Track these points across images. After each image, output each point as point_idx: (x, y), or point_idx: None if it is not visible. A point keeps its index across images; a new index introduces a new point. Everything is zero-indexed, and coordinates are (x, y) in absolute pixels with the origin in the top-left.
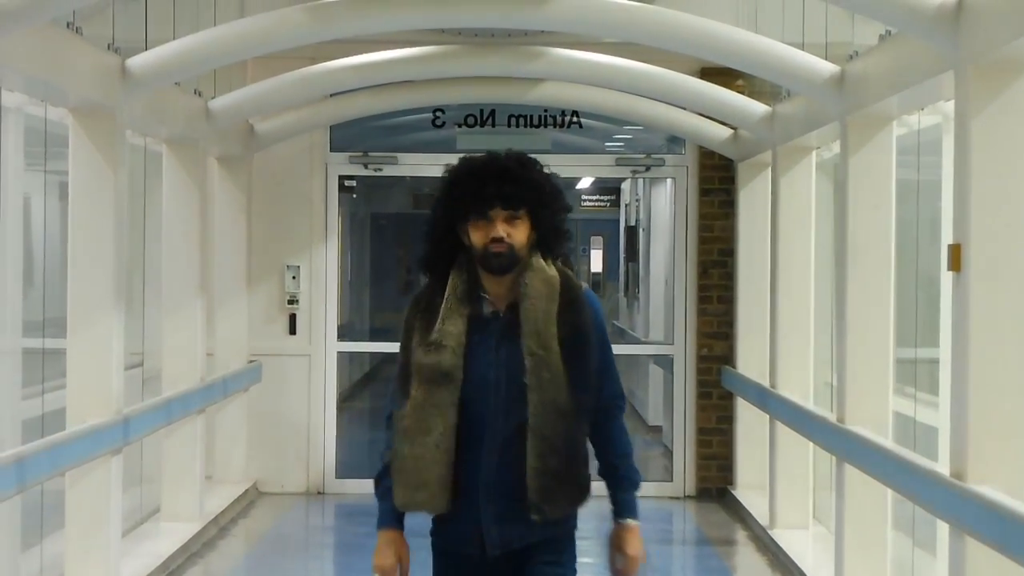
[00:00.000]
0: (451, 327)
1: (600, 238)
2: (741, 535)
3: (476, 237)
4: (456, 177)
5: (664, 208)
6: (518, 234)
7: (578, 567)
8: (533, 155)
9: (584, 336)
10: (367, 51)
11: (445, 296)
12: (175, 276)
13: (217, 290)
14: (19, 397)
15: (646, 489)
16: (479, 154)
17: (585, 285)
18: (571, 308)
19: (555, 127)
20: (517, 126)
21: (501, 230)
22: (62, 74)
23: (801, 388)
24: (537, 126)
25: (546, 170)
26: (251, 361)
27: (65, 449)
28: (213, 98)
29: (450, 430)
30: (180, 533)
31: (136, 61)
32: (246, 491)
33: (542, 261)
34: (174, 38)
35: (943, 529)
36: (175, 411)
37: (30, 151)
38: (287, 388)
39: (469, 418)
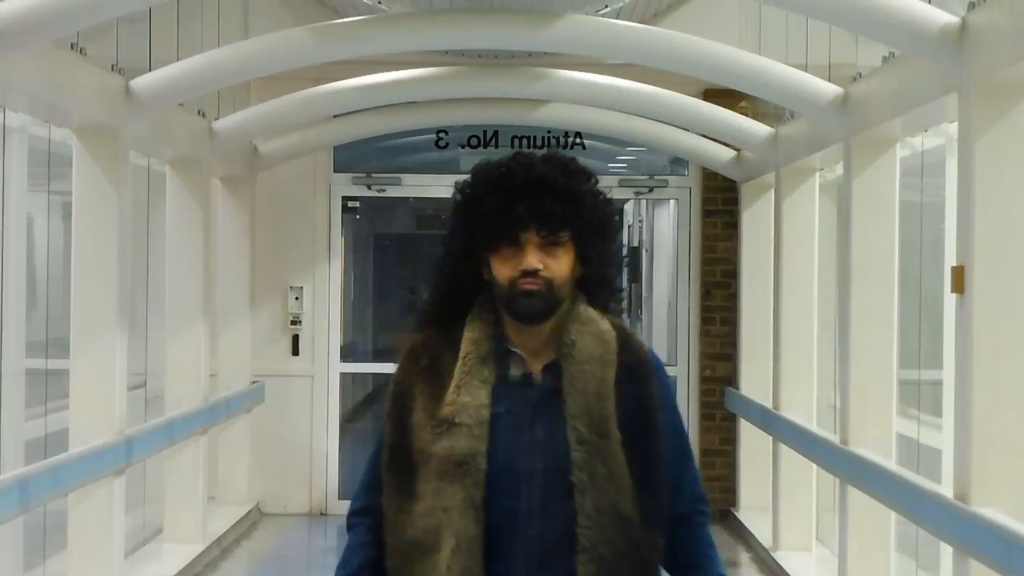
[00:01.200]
0: (468, 397)
1: None
2: (744, 557)
3: (502, 270)
4: (475, 189)
5: (667, 229)
6: (558, 267)
7: None
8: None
9: (652, 417)
10: (371, 72)
11: (461, 354)
12: (178, 296)
13: (220, 310)
14: (22, 417)
15: None
16: (505, 158)
17: (647, 344)
18: (634, 378)
19: (558, 148)
20: (521, 147)
21: (535, 260)
22: (66, 94)
23: (804, 410)
24: (540, 147)
25: (597, 183)
26: (254, 382)
27: (68, 470)
28: (217, 119)
29: (470, 544)
30: (183, 554)
31: (140, 82)
32: (249, 512)
33: (591, 310)
34: (178, 59)
35: (947, 552)
36: (178, 432)
37: (34, 171)
38: (290, 409)
39: (493, 526)
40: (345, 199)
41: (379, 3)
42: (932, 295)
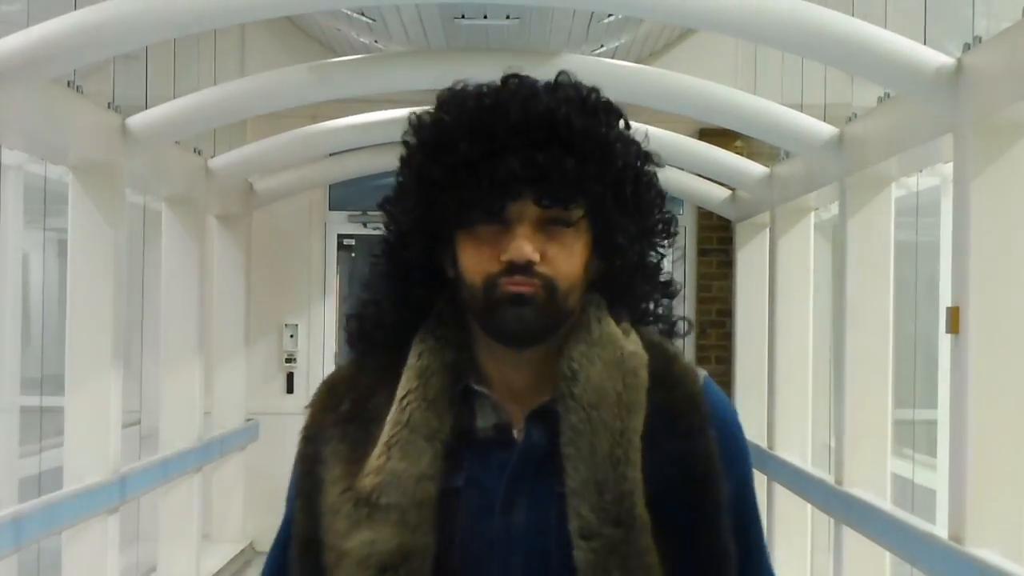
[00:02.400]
0: (403, 463)
1: None
2: None
3: (474, 261)
4: (437, 130)
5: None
6: (565, 259)
7: None
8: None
9: (706, 491)
10: (367, 110)
11: (399, 394)
12: (173, 334)
13: (215, 348)
14: (16, 455)
15: None
16: (491, 84)
17: (703, 372)
18: (677, 429)
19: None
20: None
21: (528, 247)
22: (62, 132)
23: (799, 449)
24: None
25: (630, 129)
26: (248, 420)
27: (62, 508)
28: (213, 156)
29: None
30: None
31: (136, 119)
32: (243, 550)
33: (612, 324)
34: (174, 96)
35: None
36: (172, 470)
37: (29, 208)
38: (285, 447)
39: None
40: (341, 237)
41: (375, 42)
42: (927, 335)
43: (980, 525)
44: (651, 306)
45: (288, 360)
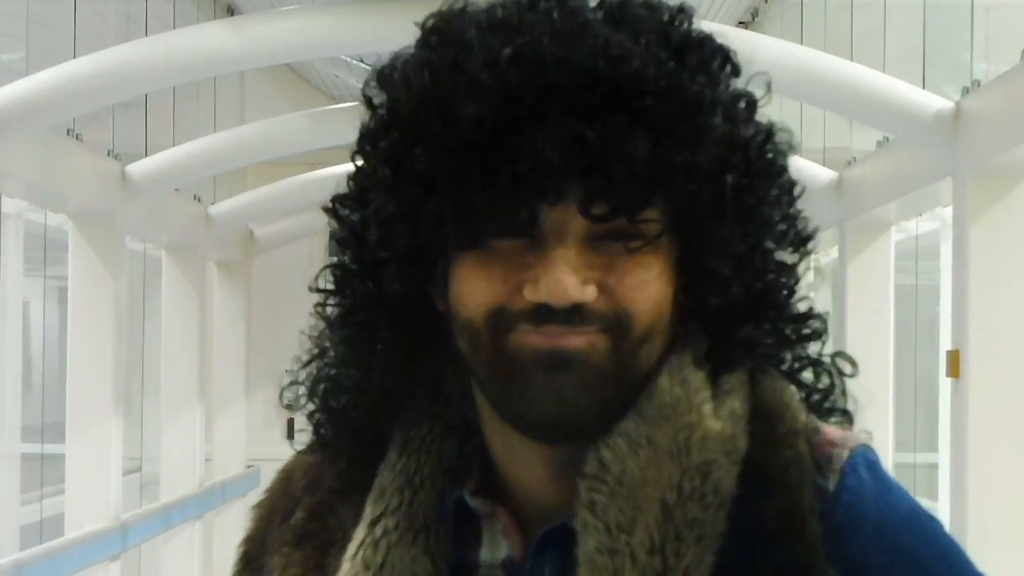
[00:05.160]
0: None
1: None
2: None
3: (473, 290)
4: (419, 82)
5: None
6: (636, 288)
7: None
8: None
9: None
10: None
11: (369, 512)
12: (174, 381)
13: (215, 394)
14: (18, 502)
15: None
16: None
17: (845, 453)
18: (765, 567)
19: None
20: None
21: (570, 282)
22: (62, 180)
23: None
24: None
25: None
26: (249, 466)
27: (64, 555)
28: (213, 204)
29: None
30: None
31: (136, 167)
32: None
33: (696, 377)
34: (174, 144)
35: None
36: (173, 517)
37: (30, 256)
38: None
39: None
40: None
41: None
42: (927, 378)
43: (981, 568)
44: (778, 348)
45: (289, 406)
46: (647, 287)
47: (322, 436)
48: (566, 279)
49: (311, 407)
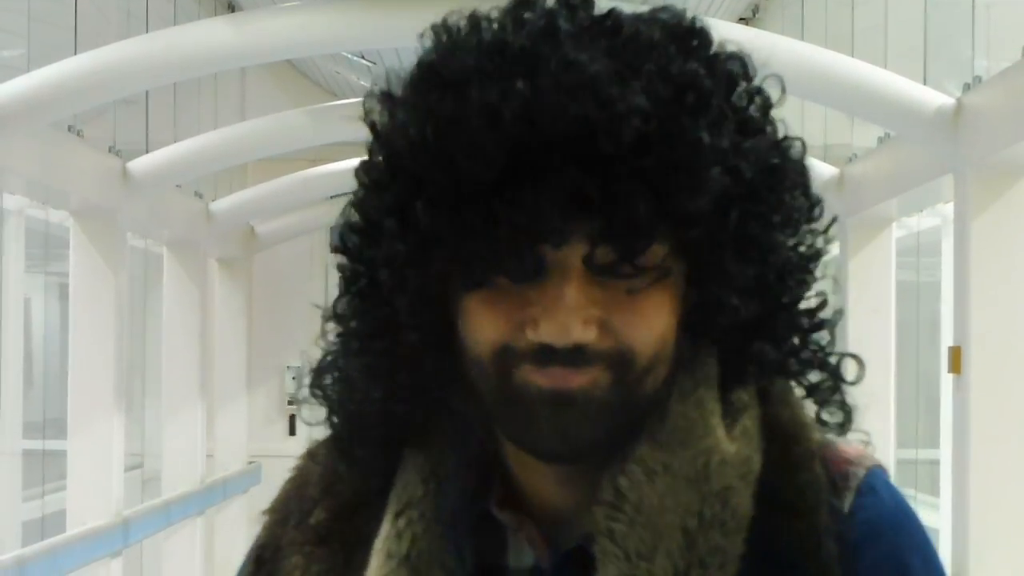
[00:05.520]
0: None
1: None
2: None
3: (481, 326)
4: (418, 143)
5: None
6: (640, 322)
7: None
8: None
9: None
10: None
11: (392, 509)
12: (175, 377)
13: (217, 391)
14: (19, 499)
15: None
16: (504, 18)
17: (860, 473)
18: None
19: None
20: None
21: (573, 321)
22: (63, 177)
23: None
24: None
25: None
26: (251, 463)
27: (65, 551)
28: (214, 200)
29: None
30: None
31: (137, 164)
32: None
33: (709, 400)
34: (175, 140)
35: None
36: (175, 513)
37: (31, 253)
38: None
39: None
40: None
41: (375, 85)
42: (929, 374)
43: (983, 565)
44: (790, 362)
45: (291, 402)
46: (650, 322)
47: (344, 451)
48: (567, 319)
49: (333, 418)
